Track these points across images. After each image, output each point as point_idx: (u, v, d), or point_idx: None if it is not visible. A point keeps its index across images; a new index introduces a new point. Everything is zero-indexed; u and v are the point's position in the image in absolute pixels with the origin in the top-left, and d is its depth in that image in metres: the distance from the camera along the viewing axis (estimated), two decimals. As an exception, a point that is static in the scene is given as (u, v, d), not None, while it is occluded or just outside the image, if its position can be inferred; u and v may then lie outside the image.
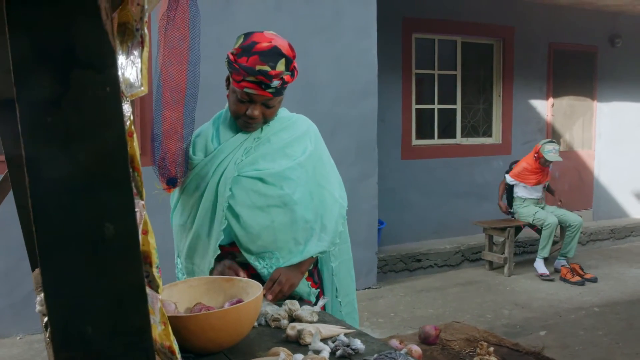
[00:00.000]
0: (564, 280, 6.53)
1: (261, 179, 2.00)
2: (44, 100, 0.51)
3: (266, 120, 2.03)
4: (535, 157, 6.79)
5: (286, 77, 1.93)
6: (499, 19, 8.11)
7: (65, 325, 0.53)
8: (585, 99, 9.16)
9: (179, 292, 1.81)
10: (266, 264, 2.01)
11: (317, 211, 2.09)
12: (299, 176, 2.05)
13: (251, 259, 2.01)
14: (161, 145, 1.91)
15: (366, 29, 6.08)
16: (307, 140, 2.13)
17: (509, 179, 7.01)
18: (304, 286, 2.09)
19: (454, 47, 8.06)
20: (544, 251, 6.76)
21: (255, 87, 1.90)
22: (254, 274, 2.02)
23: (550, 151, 6.66)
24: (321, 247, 2.09)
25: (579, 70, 9.02)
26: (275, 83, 1.90)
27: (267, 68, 1.87)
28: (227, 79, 2.03)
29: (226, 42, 5.28)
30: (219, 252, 2.00)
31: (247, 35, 1.95)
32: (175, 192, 2.09)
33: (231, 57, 1.93)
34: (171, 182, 2.00)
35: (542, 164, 6.76)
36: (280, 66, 1.90)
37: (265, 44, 1.89)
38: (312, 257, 2.08)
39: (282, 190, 2.01)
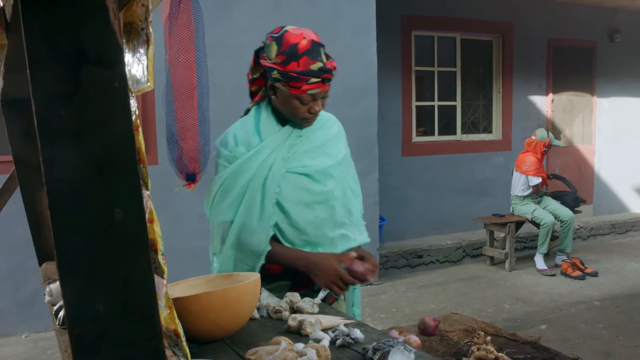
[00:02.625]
0: (565, 274, 6.57)
1: (308, 175, 2.05)
2: (57, 95, 0.55)
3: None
4: (544, 150, 6.83)
5: (335, 63, 1.97)
6: (497, 15, 8.14)
7: (78, 304, 0.57)
8: (584, 94, 9.19)
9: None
10: None
11: (347, 206, 2.18)
12: (337, 174, 2.13)
13: None
14: (177, 144, 1.94)
15: (365, 27, 6.11)
16: (341, 141, 2.23)
17: (535, 179, 6.84)
18: None
19: (453, 44, 8.09)
20: (543, 248, 6.82)
21: (319, 86, 1.92)
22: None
23: (554, 138, 6.86)
24: (360, 239, 2.20)
25: (579, 66, 9.04)
26: (334, 73, 1.95)
27: (320, 64, 1.90)
28: (271, 88, 2.02)
29: (226, 41, 5.34)
30: (269, 248, 2.00)
31: (278, 39, 1.93)
32: (213, 190, 2.06)
33: (278, 67, 1.91)
34: (190, 178, 2.02)
35: (545, 152, 6.92)
36: (324, 56, 1.93)
37: (304, 42, 1.90)
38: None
39: (325, 187, 2.07)
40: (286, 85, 1.92)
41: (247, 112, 2.18)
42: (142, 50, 0.74)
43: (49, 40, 0.55)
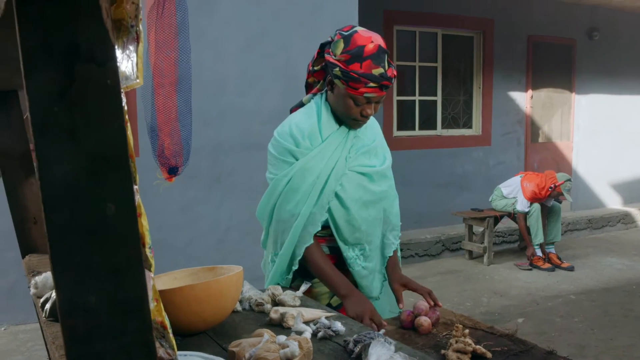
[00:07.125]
0: (536, 267, 6.66)
1: (368, 175, 2.11)
2: (51, 92, 0.56)
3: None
4: (551, 187, 6.57)
5: (395, 71, 1.99)
6: (478, 11, 8.19)
7: (70, 296, 0.59)
8: (563, 91, 9.29)
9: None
10: (356, 255, 2.13)
11: (392, 208, 2.26)
12: (389, 175, 2.22)
13: (344, 249, 2.12)
14: (158, 137, 1.94)
15: (347, 22, 6.11)
16: (385, 143, 2.28)
17: (524, 206, 6.75)
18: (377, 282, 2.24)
19: (434, 39, 8.13)
20: (537, 238, 6.76)
21: (376, 91, 1.94)
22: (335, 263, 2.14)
23: (569, 189, 6.65)
24: (396, 244, 2.28)
25: (558, 63, 9.13)
26: (393, 81, 1.98)
27: (381, 70, 1.92)
28: (330, 83, 2.05)
29: (208, 34, 5.32)
30: (312, 242, 2.04)
31: (346, 38, 1.96)
32: (278, 186, 2.04)
33: (341, 65, 1.94)
34: (172, 171, 2.02)
35: (553, 196, 6.70)
36: (387, 63, 1.95)
37: (370, 46, 1.92)
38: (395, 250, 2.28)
39: (380, 188, 2.15)
40: (344, 84, 1.95)
41: (300, 104, 2.20)
42: (131, 47, 0.75)
43: (43, 37, 0.56)
